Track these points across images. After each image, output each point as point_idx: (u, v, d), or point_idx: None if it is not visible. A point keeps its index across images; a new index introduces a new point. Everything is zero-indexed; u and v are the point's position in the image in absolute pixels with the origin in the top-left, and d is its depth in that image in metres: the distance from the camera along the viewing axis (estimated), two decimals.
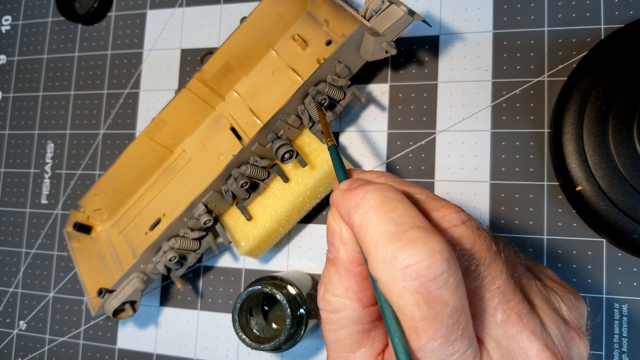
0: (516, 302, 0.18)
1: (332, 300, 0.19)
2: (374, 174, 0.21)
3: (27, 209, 0.50)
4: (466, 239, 0.18)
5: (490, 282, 0.18)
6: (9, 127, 0.52)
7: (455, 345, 0.16)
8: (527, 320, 0.18)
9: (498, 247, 0.19)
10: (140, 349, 0.44)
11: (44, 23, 0.52)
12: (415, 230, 0.16)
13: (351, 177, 0.21)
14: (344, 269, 0.19)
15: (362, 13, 0.34)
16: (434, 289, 0.15)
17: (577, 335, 0.19)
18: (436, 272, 0.15)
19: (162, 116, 0.42)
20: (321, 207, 0.41)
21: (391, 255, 0.16)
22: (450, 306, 0.15)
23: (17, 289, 0.49)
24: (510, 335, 0.17)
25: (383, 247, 0.16)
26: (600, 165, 0.33)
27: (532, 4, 0.38)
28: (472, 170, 0.38)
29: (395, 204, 0.17)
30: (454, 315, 0.16)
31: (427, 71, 0.40)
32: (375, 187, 0.18)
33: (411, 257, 0.15)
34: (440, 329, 0.15)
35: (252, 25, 0.40)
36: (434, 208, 0.19)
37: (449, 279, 0.15)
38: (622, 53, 0.33)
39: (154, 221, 0.43)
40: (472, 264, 0.18)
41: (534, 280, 0.20)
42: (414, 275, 0.15)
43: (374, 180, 0.20)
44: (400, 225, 0.16)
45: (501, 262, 0.18)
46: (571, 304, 0.21)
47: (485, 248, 0.18)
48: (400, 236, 0.16)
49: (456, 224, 0.18)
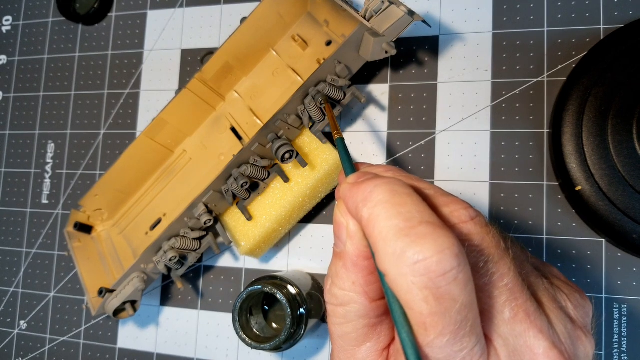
0: (524, 300, 0.18)
1: (339, 294, 0.19)
2: (381, 168, 0.21)
3: (27, 208, 0.50)
4: (475, 235, 0.18)
5: (498, 279, 0.18)
6: (10, 127, 0.52)
7: (463, 341, 0.16)
8: (534, 318, 0.18)
9: (506, 244, 0.19)
10: (141, 349, 0.44)
11: (44, 23, 0.52)
12: (424, 226, 0.16)
13: (358, 171, 0.21)
14: (351, 262, 0.19)
15: (362, 13, 0.34)
16: (443, 285, 0.15)
17: (584, 334, 0.19)
18: (446, 268, 0.15)
19: (162, 116, 0.42)
20: (321, 207, 0.41)
21: (400, 250, 0.16)
22: (459, 302, 0.15)
23: (17, 288, 0.49)
24: (517, 332, 0.17)
25: (392, 242, 0.16)
26: (599, 165, 0.33)
27: (532, 5, 0.38)
28: (471, 170, 0.38)
29: (404, 198, 0.17)
30: (462, 312, 0.15)
31: (426, 71, 0.40)
32: (384, 181, 0.18)
33: (421, 253, 0.15)
34: (448, 325, 0.15)
35: (253, 26, 0.40)
36: (443, 204, 0.19)
37: (459, 275, 0.15)
38: (622, 53, 0.33)
39: (155, 221, 0.43)
40: (480, 260, 0.18)
41: (541, 279, 0.20)
42: (423, 271, 0.15)
43: (382, 174, 0.19)
44: (410, 220, 0.16)
45: (509, 259, 0.18)
46: (577, 303, 0.20)
47: (494, 245, 0.18)
48: (409, 231, 0.16)
49: (465, 220, 0.18)
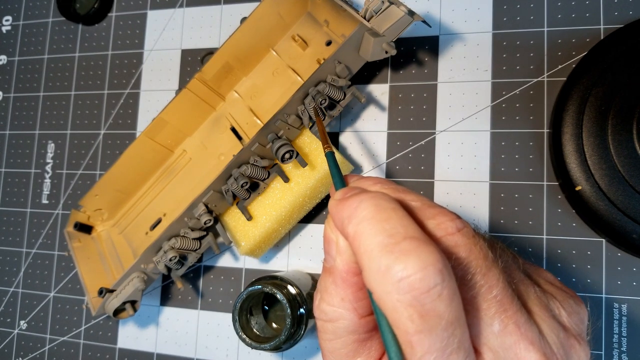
0: (514, 311, 0.17)
1: (328, 310, 0.19)
2: (370, 181, 0.21)
3: (27, 208, 0.50)
4: (462, 247, 0.18)
5: (487, 291, 0.17)
6: (10, 127, 0.52)
7: (451, 358, 0.16)
8: (525, 329, 0.17)
9: (495, 254, 0.19)
10: (141, 349, 0.44)
11: (44, 23, 0.52)
12: (408, 242, 0.16)
13: (347, 184, 0.21)
14: (340, 278, 0.19)
15: (362, 13, 0.34)
16: (427, 302, 0.15)
17: (577, 342, 0.19)
18: (429, 285, 0.15)
19: (162, 116, 0.42)
20: (321, 207, 0.41)
21: (385, 267, 0.15)
22: (444, 319, 0.15)
23: (17, 288, 0.49)
24: (508, 345, 0.17)
25: (376, 259, 0.16)
26: (599, 165, 0.33)
27: (532, 5, 0.38)
28: (471, 170, 0.38)
29: (389, 213, 0.17)
30: (449, 329, 0.15)
31: (426, 71, 0.40)
32: (369, 197, 0.17)
33: (404, 270, 0.15)
34: (434, 342, 0.15)
35: (253, 26, 0.40)
36: (429, 216, 0.18)
37: (443, 291, 0.15)
38: (622, 53, 0.33)
39: (155, 221, 0.43)
40: (468, 272, 0.17)
41: (532, 287, 0.20)
42: (407, 288, 0.15)
43: (369, 188, 0.19)
44: (394, 236, 0.16)
45: (498, 270, 0.18)
46: (571, 310, 0.20)
47: (482, 256, 0.18)
48: (393, 248, 0.16)
49: (451, 232, 0.18)
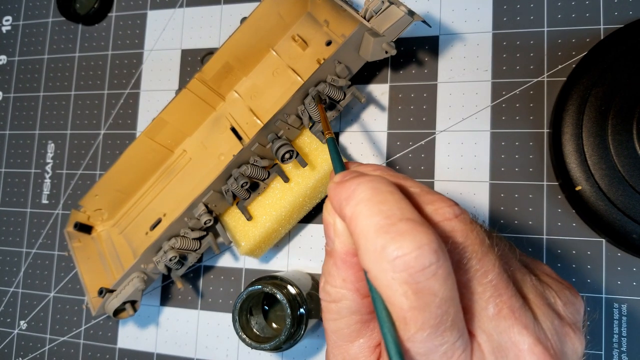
0: (508, 296, 0.18)
1: (331, 291, 0.19)
2: (370, 167, 0.21)
3: (27, 209, 0.50)
4: (458, 232, 0.18)
5: (482, 275, 0.18)
6: (10, 127, 0.52)
7: (444, 336, 0.16)
8: (519, 314, 0.18)
9: (491, 241, 0.19)
10: (141, 349, 0.44)
11: (44, 23, 0.52)
12: (404, 223, 0.16)
13: (347, 170, 0.21)
14: (340, 260, 0.19)
15: (362, 13, 0.34)
16: (422, 279, 0.15)
17: (572, 330, 0.19)
18: (424, 264, 0.15)
19: (162, 116, 0.42)
20: (321, 207, 0.41)
21: (380, 247, 0.16)
22: (438, 297, 0.16)
23: (17, 288, 0.49)
24: (501, 329, 0.17)
25: (372, 239, 0.16)
26: (599, 165, 0.33)
27: (532, 5, 0.38)
28: (471, 170, 0.38)
29: (386, 196, 0.17)
30: (442, 306, 0.16)
31: (426, 71, 0.40)
32: (367, 179, 0.18)
33: (400, 249, 0.15)
34: (428, 319, 0.16)
35: (253, 26, 0.40)
36: (428, 201, 0.19)
37: (438, 270, 0.15)
38: (622, 53, 0.33)
39: (155, 221, 0.43)
40: (464, 257, 0.18)
41: (528, 275, 0.20)
42: (402, 266, 0.15)
43: (369, 173, 0.20)
44: (390, 217, 0.16)
45: (494, 255, 0.18)
46: (567, 300, 0.20)
47: (478, 242, 0.18)
48: (389, 228, 0.16)
49: (449, 217, 0.18)
